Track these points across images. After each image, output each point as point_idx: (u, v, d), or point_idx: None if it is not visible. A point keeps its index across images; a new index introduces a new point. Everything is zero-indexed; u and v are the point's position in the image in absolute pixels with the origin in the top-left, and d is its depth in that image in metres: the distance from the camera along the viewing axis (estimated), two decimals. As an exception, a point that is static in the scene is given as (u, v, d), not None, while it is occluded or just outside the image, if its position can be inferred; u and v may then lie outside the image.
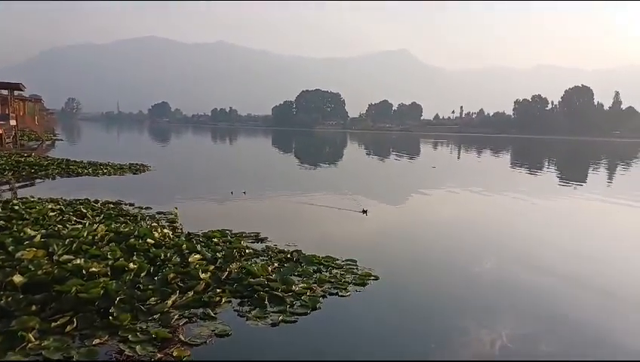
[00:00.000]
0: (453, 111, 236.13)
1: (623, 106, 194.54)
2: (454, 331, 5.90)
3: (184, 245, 8.11)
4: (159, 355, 4.85)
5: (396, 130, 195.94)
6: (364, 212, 12.83)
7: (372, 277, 7.47)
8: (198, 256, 7.57)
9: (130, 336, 5.15)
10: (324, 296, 6.63)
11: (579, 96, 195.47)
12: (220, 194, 16.13)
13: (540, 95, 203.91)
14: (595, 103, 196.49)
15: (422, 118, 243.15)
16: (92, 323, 5.39)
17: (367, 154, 51.67)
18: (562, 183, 25.48)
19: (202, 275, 6.74)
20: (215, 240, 8.96)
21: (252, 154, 46.00)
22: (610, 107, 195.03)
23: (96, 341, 5.03)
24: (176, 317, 5.67)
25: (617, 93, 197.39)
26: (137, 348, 4.93)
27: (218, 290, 6.51)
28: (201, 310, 5.96)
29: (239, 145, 64.17)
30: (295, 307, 6.22)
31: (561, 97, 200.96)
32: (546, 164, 42.62)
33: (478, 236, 11.61)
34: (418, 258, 9.30)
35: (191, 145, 61.77)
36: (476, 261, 9.21)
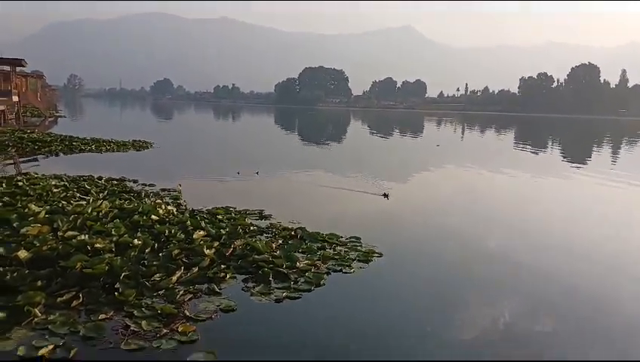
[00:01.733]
0: (458, 89, 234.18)
1: (630, 84, 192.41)
2: (457, 307, 5.97)
3: (188, 222, 8.10)
4: (165, 330, 4.87)
5: (400, 107, 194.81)
6: (386, 196, 12.06)
7: (376, 254, 7.47)
8: (202, 233, 7.58)
9: (135, 312, 5.18)
10: (328, 273, 6.64)
11: (585, 74, 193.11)
12: (224, 171, 16.11)
13: (545, 73, 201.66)
14: (602, 81, 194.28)
15: (426, 95, 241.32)
16: (97, 299, 5.42)
17: (370, 132, 51.46)
18: (566, 162, 25.36)
19: (207, 251, 6.75)
20: (219, 217, 8.97)
21: (254, 132, 45.88)
22: (616, 85, 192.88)
23: (102, 316, 5.05)
24: (181, 292, 5.69)
25: (624, 71, 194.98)
26: (143, 323, 4.95)
27: (223, 266, 6.52)
28: (205, 286, 5.99)
29: (241, 123, 64.01)
30: (299, 283, 6.24)
31: (567, 75, 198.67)
32: (550, 143, 42.38)
33: (480, 214, 11.61)
34: (421, 235, 9.33)
35: (193, 122, 61.66)
36: (479, 238, 9.26)
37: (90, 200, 9.23)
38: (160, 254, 6.67)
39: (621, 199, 14.59)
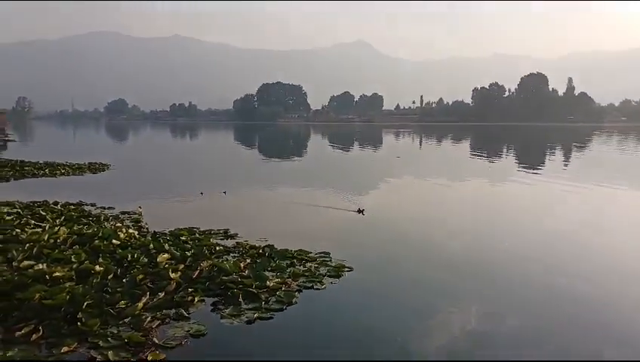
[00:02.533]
0: (413, 102, 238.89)
1: (576, 92, 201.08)
2: (426, 316, 6.01)
3: (151, 245, 7.90)
4: (133, 360, 4.68)
5: (358, 121, 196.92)
6: (360, 211, 11.82)
7: (346, 269, 7.44)
8: (166, 256, 7.37)
9: (100, 342, 4.96)
10: (299, 291, 6.56)
11: (534, 83, 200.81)
12: (185, 191, 15.80)
13: (497, 83, 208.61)
14: (550, 90, 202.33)
15: (383, 108, 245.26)
16: (59, 331, 5.16)
17: (331, 146, 51.74)
18: (521, 169, 26.13)
19: (172, 275, 6.56)
20: (183, 238, 8.76)
21: (214, 150, 45.35)
22: (564, 93, 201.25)
23: (65, 349, 4.81)
24: (148, 319, 5.48)
25: (570, 80, 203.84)
26: (109, 353, 4.75)
27: (190, 290, 6.35)
28: (173, 311, 5.80)
29: (200, 141, 63.24)
30: (270, 303, 6.12)
31: (518, 84, 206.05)
32: (505, 151, 43.65)
33: (445, 223, 11.77)
34: (389, 246, 9.34)
35: (150, 142, 60.52)
36: (445, 247, 9.38)
37: (47, 227, 8.85)
38: (124, 280, 6.45)
39: (574, 201, 15.07)
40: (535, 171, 24.23)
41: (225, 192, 15.08)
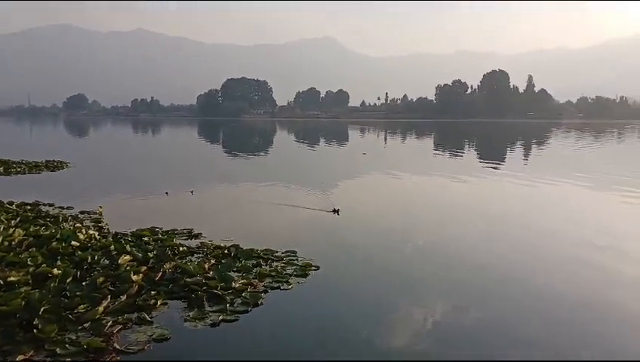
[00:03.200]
0: (378, 98, 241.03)
1: (536, 89, 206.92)
2: (391, 312, 6.07)
3: (112, 246, 7.69)
4: (93, 367, 4.53)
5: (325, 117, 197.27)
6: (336, 211, 11.46)
7: (313, 268, 7.42)
8: (128, 257, 7.20)
9: (58, 349, 4.78)
10: (265, 291, 6.49)
11: (496, 80, 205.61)
12: (147, 190, 15.48)
13: (459, 80, 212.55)
14: (512, 87, 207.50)
15: (349, 104, 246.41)
16: (14, 338, 4.95)
17: (298, 143, 51.63)
18: (482, 163, 26.66)
19: (134, 277, 6.40)
20: (145, 239, 8.56)
21: (177, 148, 44.57)
22: (524, 90, 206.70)
23: (21, 357, 4.62)
24: (109, 324, 5.33)
25: (530, 77, 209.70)
26: (67, 361, 4.58)
27: (153, 292, 6.19)
28: (135, 314, 5.65)
29: (163, 138, 62.06)
30: (236, 305, 6.03)
31: (480, 81, 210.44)
32: (467, 146, 44.52)
33: (410, 218, 11.90)
34: (355, 243, 9.36)
35: (111, 138, 59.08)
36: (410, 242, 9.49)
37: (1, 229, 8.49)
38: (83, 283, 6.26)
39: (534, 195, 15.48)
40: (496, 167, 24.78)
41: (192, 192, 14.58)
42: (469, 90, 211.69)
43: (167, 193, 14.40)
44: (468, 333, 5.55)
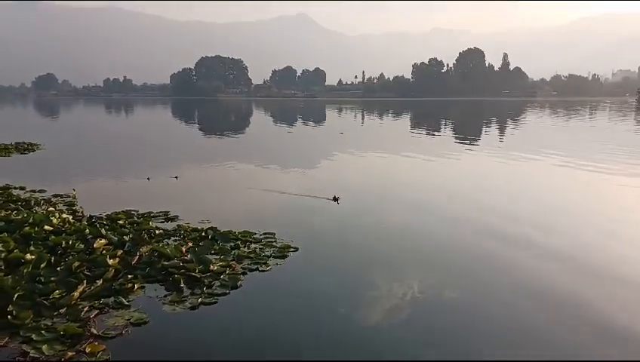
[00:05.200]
0: (355, 77, 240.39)
1: (511, 67, 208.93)
2: (370, 289, 6.12)
3: (87, 230, 7.57)
4: (70, 353, 4.47)
5: (301, 96, 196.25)
6: (336, 199, 10.85)
7: (292, 249, 7.42)
8: (103, 241, 7.10)
9: (34, 336, 4.70)
10: (244, 273, 6.48)
11: (471, 58, 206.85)
12: (122, 172, 15.25)
13: (436, 58, 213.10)
14: (487, 65, 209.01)
15: (326, 83, 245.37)
16: (-13, 325, 4.87)
17: (274, 122, 51.30)
18: (458, 142, 26.93)
19: (110, 261, 6.32)
20: (121, 222, 8.43)
21: (152, 128, 43.83)
22: (499, 68, 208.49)
23: (-5, 344, 4.55)
24: (85, 309, 5.26)
25: (506, 55, 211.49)
26: (44, 347, 4.52)
27: (129, 276, 6.14)
28: (112, 299, 5.59)
29: (138, 118, 60.93)
30: (214, 287, 6.01)
31: (456, 59, 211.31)
32: (443, 124, 44.84)
33: (387, 197, 11.97)
34: (334, 224, 9.40)
35: (84, 119, 57.80)
36: (387, 220, 9.58)
37: (-30, 214, 8.29)
38: (58, 268, 6.16)
39: (510, 171, 15.72)
40: (472, 145, 25.04)
41: (177, 177, 13.84)
42: (445, 69, 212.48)
43: (148, 178, 13.60)
44: (444, 308, 5.68)
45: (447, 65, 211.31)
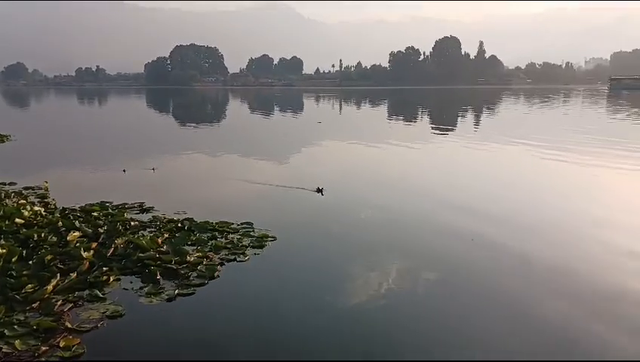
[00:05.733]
0: (333, 65, 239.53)
1: (487, 55, 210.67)
2: (348, 277, 6.19)
3: (60, 222, 7.44)
4: (44, 348, 4.40)
5: (279, 85, 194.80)
6: (320, 191, 10.61)
7: (270, 238, 7.40)
8: (77, 234, 6.99)
9: (6, 331, 4.63)
10: (221, 264, 6.44)
11: (448, 47, 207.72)
12: (95, 163, 14.96)
13: (412, 46, 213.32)
14: (463, 53, 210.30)
15: (303, 72, 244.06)
16: (-43, 322, 4.75)
17: (251, 111, 50.88)
18: (435, 130, 27.12)
19: (85, 254, 6.23)
20: (95, 214, 8.30)
21: (126, 118, 43.08)
22: (475, 56, 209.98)
23: (-35, 341, 4.44)
24: (59, 303, 5.19)
25: (481, 43, 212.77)
26: (16, 343, 4.44)
27: (104, 269, 6.06)
28: (87, 292, 5.51)
29: (111, 108, 59.79)
30: (191, 278, 5.96)
31: (432, 48, 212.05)
32: (420, 113, 45.09)
33: (365, 185, 12.01)
34: (311, 213, 9.41)
35: (56, 110, 56.48)
36: (365, 209, 9.61)
37: (-63, 208, 8.05)
38: (30, 262, 6.05)
39: (486, 158, 15.91)
40: (449, 133, 25.27)
41: (154, 169, 13.47)
42: (422, 57, 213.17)
43: (124, 171, 13.21)
44: (421, 294, 5.79)
45: (424, 53, 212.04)
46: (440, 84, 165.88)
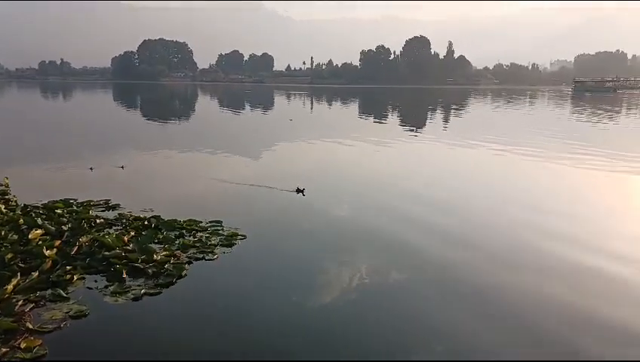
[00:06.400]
0: (304, 62, 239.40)
1: (455, 55, 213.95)
2: (319, 275, 6.22)
3: (21, 220, 7.22)
4: (4, 349, 4.27)
5: (249, 81, 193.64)
6: (300, 191, 10.37)
7: (239, 237, 7.33)
8: (39, 231, 6.79)
9: (-36, 332, 4.47)
10: (189, 262, 6.35)
11: (418, 47, 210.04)
12: (59, 159, 14.57)
13: (383, 45, 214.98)
14: (432, 53, 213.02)
15: (274, 68, 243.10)
16: None
17: (221, 108, 50.40)
18: (404, 129, 27.41)
19: (47, 252, 6.07)
20: (59, 211, 8.07)
21: (92, 113, 42.07)
22: (444, 56, 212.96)
23: None
24: (20, 303, 5.05)
25: (450, 43, 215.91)
26: (-26, 345, 4.29)
27: (68, 267, 5.90)
28: (50, 291, 5.37)
29: (76, 103, 58.25)
30: (159, 277, 5.87)
31: (402, 47, 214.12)
32: (390, 112, 45.46)
33: (337, 182, 12.07)
34: (282, 211, 9.36)
35: (17, 104, 54.69)
36: (337, 206, 9.67)
37: None
38: (-11, 261, 5.83)
39: (455, 156, 16.19)
40: (418, 131, 25.60)
41: (123, 167, 13.05)
42: (392, 56, 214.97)
43: (91, 169, 12.75)
44: (390, 290, 5.87)
45: (395, 52, 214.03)
46: (410, 84, 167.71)
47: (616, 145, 19.70)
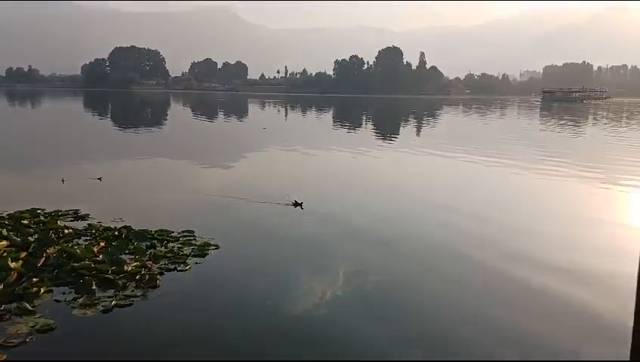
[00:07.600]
0: (278, 71, 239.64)
1: (428, 66, 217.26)
2: (292, 284, 6.18)
3: (-15, 231, 6.99)
4: (-35, 366, 4.12)
5: (222, 89, 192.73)
6: (298, 205, 9.99)
7: (212, 247, 7.24)
8: (4, 243, 6.61)
9: None
10: (161, 273, 6.24)
11: (390, 57, 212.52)
12: (26, 168, 14.21)
13: (357, 55, 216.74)
14: (405, 63, 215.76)
15: (248, 77, 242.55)
16: None
17: (194, 116, 50.00)
18: (376, 138, 27.69)
19: (12, 264, 5.88)
20: (25, 221, 7.86)
21: (60, 122, 41.18)
22: (417, 67, 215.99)
23: None
24: (-17, 317, 4.87)
25: (422, 54, 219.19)
26: None
27: (35, 279, 5.75)
28: (15, 304, 5.20)
29: (44, 111, 56.93)
30: (129, 289, 5.75)
31: (376, 57, 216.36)
32: (364, 121, 45.84)
33: (310, 190, 11.94)
34: (254, 220, 9.29)
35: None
36: (311, 214, 9.62)
37: None
38: (-50, 274, 5.62)
39: (426, 165, 16.40)
40: (390, 140, 25.87)
41: (100, 178, 12.43)
42: (366, 66, 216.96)
43: (62, 181, 12.08)
44: (366, 297, 5.90)
45: (368, 62, 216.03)
46: (383, 94, 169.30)
47: (581, 155, 20.29)
